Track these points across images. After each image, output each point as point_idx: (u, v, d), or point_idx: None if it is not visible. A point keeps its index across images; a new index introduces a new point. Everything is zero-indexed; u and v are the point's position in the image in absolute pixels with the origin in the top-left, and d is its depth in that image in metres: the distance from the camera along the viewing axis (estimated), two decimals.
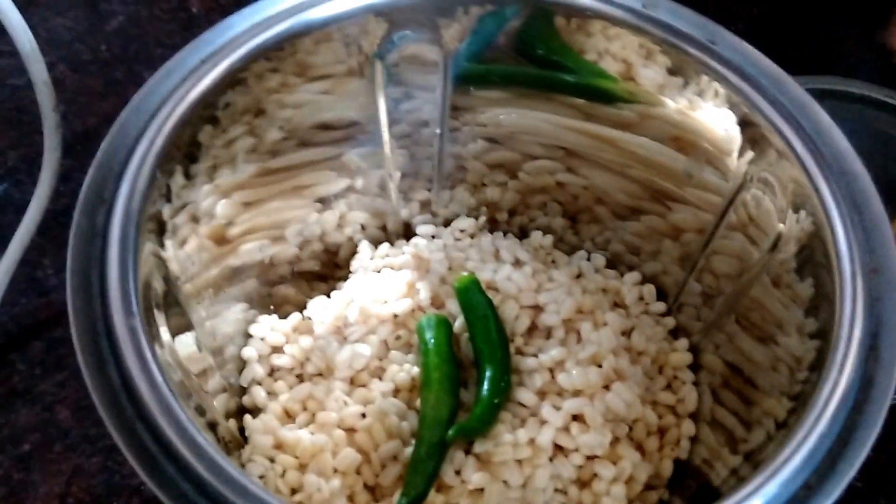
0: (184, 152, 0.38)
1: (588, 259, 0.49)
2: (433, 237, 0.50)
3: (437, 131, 0.46)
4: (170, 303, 0.38)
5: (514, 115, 0.46)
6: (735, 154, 0.41)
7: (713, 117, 0.41)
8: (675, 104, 0.42)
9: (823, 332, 0.36)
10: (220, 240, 0.42)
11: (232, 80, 0.38)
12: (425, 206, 0.50)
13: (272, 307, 0.47)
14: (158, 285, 0.37)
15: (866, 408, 0.34)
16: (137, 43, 0.60)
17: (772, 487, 0.33)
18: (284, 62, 0.40)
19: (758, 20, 0.64)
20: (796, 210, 0.39)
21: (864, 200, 0.37)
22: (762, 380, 0.41)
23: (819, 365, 0.35)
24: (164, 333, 0.36)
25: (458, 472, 0.42)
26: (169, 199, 0.38)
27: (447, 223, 0.50)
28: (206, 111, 0.38)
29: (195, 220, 0.40)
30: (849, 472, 0.33)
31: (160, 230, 0.38)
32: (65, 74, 0.59)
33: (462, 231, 0.50)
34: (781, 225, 0.40)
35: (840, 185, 0.37)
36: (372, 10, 0.40)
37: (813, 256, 0.38)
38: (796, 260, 0.39)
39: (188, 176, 0.39)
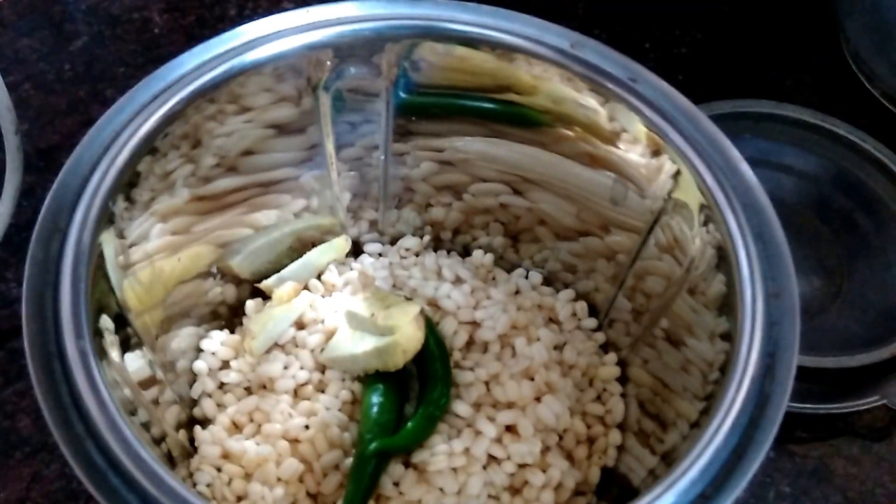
0: (129, 181, 0.40)
1: (526, 277, 0.51)
2: (380, 255, 0.51)
3: (381, 156, 0.48)
4: (121, 323, 0.39)
5: (462, 141, 0.48)
6: (654, 182, 0.43)
7: (633, 149, 0.43)
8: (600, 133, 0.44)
9: (730, 335, 0.38)
10: (171, 262, 0.44)
11: (181, 114, 0.40)
12: (373, 225, 0.51)
13: (223, 322, 0.48)
14: (110, 307, 0.39)
15: (763, 420, 0.36)
16: (101, 62, 0.62)
17: (682, 484, 0.35)
18: (234, 96, 0.42)
19: (700, 44, 0.66)
20: (707, 234, 0.41)
21: (767, 230, 0.39)
22: (678, 384, 0.43)
23: (726, 368, 0.38)
24: (114, 352, 0.38)
25: (396, 484, 0.44)
26: (117, 226, 0.39)
27: (394, 241, 0.52)
28: (158, 142, 0.40)
29: (143, 245, 0.42)
30: (749, 470, 0.35)
31: (112, 255, 0.39)
32: (29, 93, 0.60)
33: (407, 250, 0.51)
34: (696, 247, 0.42)
35: (745, 216, 0.39)
36: (315, 47, 0.42)
37: (721, 273, 0.40)
38: (708, 275, 0.41)
39: (133, 202, 0.41)
